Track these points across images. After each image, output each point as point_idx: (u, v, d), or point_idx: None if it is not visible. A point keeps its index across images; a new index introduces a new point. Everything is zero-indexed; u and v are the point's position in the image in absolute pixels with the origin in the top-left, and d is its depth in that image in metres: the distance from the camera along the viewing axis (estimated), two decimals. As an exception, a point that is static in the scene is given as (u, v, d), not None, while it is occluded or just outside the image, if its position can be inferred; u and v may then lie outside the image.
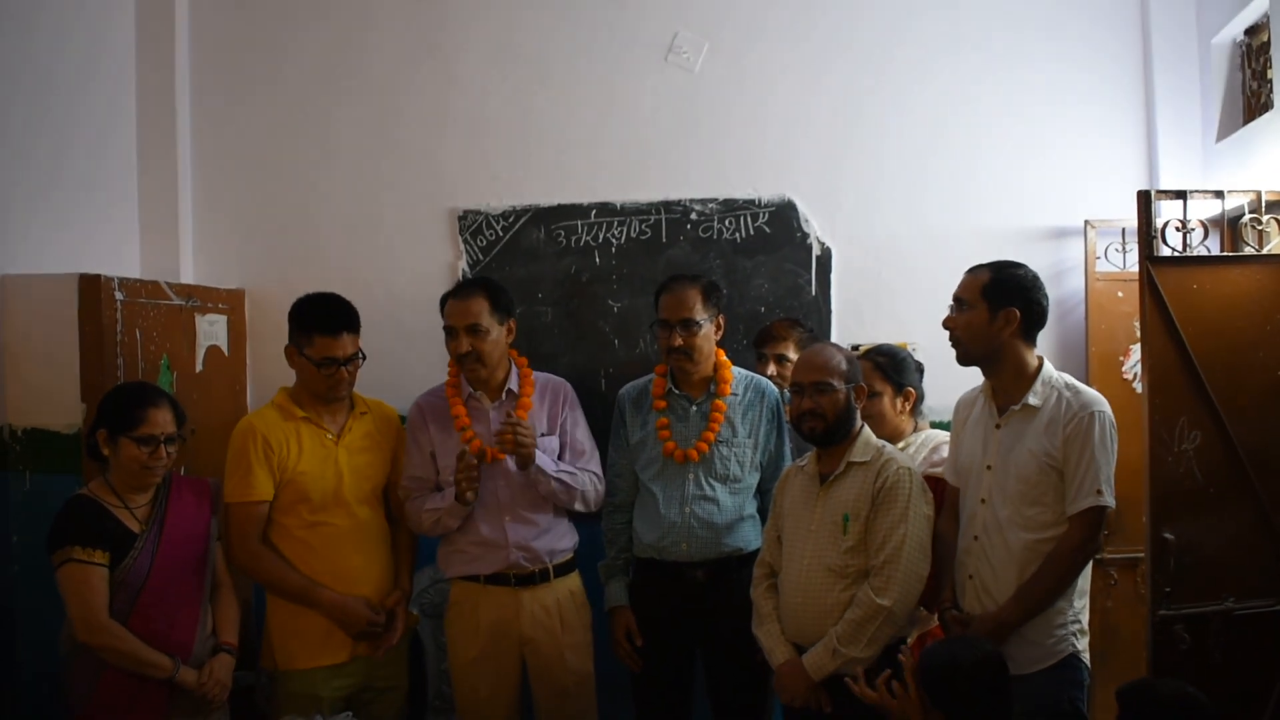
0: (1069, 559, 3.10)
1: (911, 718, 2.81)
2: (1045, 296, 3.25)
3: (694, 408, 3.70)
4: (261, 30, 4.73)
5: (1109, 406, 3.16)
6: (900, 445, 3.61)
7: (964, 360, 3.29)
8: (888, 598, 3.09)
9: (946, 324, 3.28)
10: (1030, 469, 3.13)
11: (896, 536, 3.13)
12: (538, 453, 3.60)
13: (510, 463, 3.61)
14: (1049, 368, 3.24)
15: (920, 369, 3.79)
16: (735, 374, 3.74)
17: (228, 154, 4.72)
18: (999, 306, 3.18)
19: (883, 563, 3.13)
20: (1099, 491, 3.06)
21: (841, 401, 3.25)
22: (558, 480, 3.63)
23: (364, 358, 3.60)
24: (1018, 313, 3.18)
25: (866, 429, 3.35)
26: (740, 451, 3.67)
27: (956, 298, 3.28)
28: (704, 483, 3.64)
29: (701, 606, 3.61)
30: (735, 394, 3.71)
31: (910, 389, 3.69)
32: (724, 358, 3.75)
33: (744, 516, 3.66)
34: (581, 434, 3.81)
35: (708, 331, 3.65)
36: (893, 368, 3.67)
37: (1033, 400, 3.17)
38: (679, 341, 3.60)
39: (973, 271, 3.29)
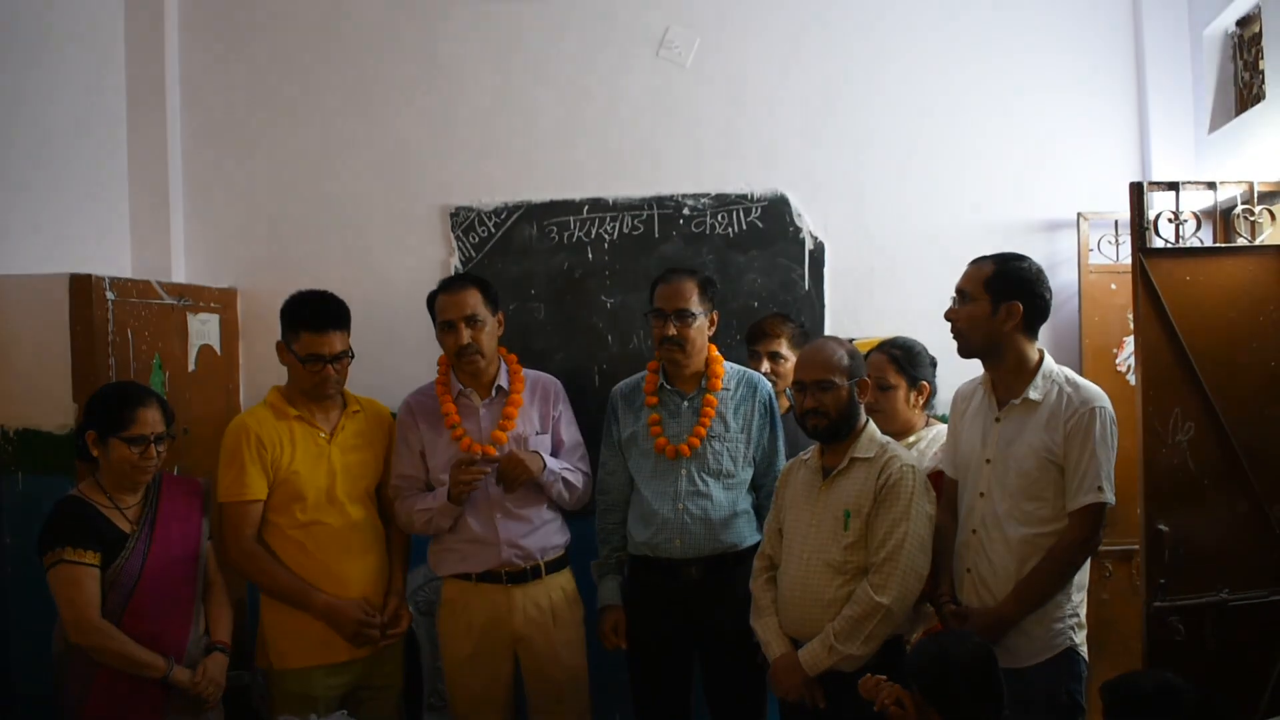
0: (1069, 555, 3.10)
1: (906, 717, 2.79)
2: (1049, 290, 3.23)
3: (685, 403, 3.69)
4: (251, 29, 4.71)
5: (1109, 402, 3.16)
6: (911, 440, 3.60)
7: (965, 353, 3.28)
8: (886, 596, 3.08)
9: (948, 316, 3.27)
10: (1030, 464, 3.13)
11: (897, 534, 3.12)
12: (545, 457, 3.66)
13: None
14: (1050, 362, 3.23)
15: (934, 362, 3.77)
16: (727, 369, 3.73)
17: (218, 152, 4.70)
18: (1002, 300, 3.17)
19: (883, 560, 3.12)
20: (1100, 488, 3.06)
21: (844, 398, 3.23)
22: (564, 479, 3.67)
23: (352, 356, 3.59)
24: (1021, 306, 3.16)
25: (871, 424, 3.33)
26: (733, 446, 3.65)
27: (959, 290, 3.26)
28: (697, 478, 3.62)
29: (697, 604, 3.59)
30: (727, 389, 3.69)
31: (924, 383, 3.68)
32: (716, 353, 3.73)
33: (738, 512, 3.64)
34: (571, 431, 3.83)
35: (701, 325, 3.64)
36: (908, 361, 3.66)
37: (1033, 395, 3.16)
38: (673, 331, 3.59)
39: (976, 263, 3.27)
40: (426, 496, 3.63)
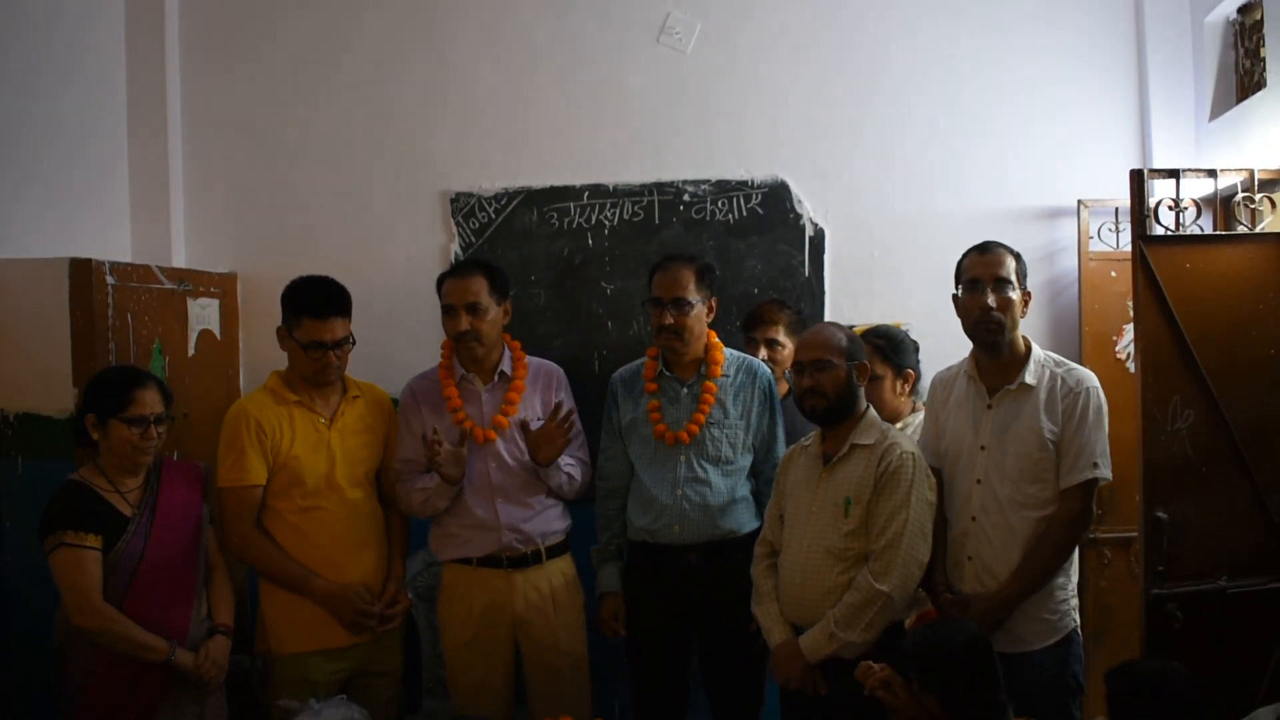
0: (1067, 531, 3.15)
1: (905, 706, 2.80)
2: None
3: (685, 390, 3.69)
4: (252, 12, 4.71)
5: (1098, 380, 3.22)
6: (899, 426, 3.60)
7: (996, 345, 3.28)
8: (887, 583, 3.08)
9: (995, 305, 3.23)
10: (1032, 447, 3.17)
11: (898, 521, 3.12)
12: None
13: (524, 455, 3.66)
14: (1036, 346, 3.29)
15: (917, 348, 3.79)
16: (726, 355, 3.72)
17: (219, 137, 4.70)
18: (1024, 287, 3.27)
19: (883, 547, 3.12)
20: (1096, 464, 3.11)
21: (842, 379, 3.23)
22: (567, 474, 3.68)
23: (354, 342, 3.59)
24: (1030, 292, 3.29)
25: (872, 410, 3.33)
26: (732, 433, 3.65)
27: (998, 278, 3.25)
28: (695, 465, 3.62)
29: (696, 590, 3.59)
30: (726, 375, 3.69)
31: (910, 370, 3.68)
32: (715, 339, 3.73)
33: (737, 499, 3.64)
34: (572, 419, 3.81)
35: (699, 312, 3.63)
36: (892, 349, 3.67)
37: (1029, 379, 3.21)
38: (670, 320, 3.59)
39: (998, 251, 3.29)
40: (424, 477, 3.62)
